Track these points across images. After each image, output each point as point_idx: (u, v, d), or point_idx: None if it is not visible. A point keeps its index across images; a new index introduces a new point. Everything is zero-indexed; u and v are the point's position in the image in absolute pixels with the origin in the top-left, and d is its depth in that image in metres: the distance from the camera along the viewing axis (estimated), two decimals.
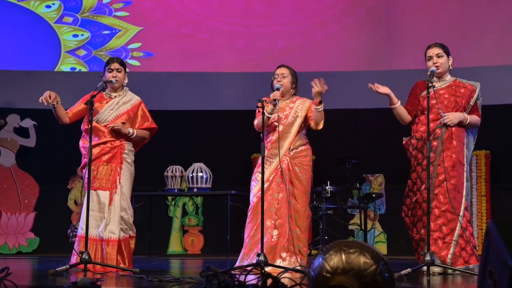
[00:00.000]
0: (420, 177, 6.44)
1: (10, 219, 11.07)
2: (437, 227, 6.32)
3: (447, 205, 6.28)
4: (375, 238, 10.83)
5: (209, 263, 8.79)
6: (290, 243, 6.52)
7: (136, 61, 11.42)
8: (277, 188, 6.64)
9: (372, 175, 10.92)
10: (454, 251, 6.24)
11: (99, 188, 6.69)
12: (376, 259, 2.90)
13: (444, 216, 6.30)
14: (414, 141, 6.56)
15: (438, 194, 6.35)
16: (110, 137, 6.79)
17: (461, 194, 6.36)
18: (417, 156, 6.51)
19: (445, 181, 6.31)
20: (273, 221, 6.57)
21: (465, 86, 6.56)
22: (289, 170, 6.66)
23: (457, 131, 6.42)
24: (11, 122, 11.30)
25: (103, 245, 6.57)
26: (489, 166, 10.73)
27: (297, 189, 6.66)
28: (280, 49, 11.16)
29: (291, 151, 6.70)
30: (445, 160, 6.34)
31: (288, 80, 6.79)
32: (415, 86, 6.69)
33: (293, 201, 6.62)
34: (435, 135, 6.43)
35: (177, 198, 11.27)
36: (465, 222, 6.33)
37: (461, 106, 6.50)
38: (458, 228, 6.26)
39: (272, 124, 6.69)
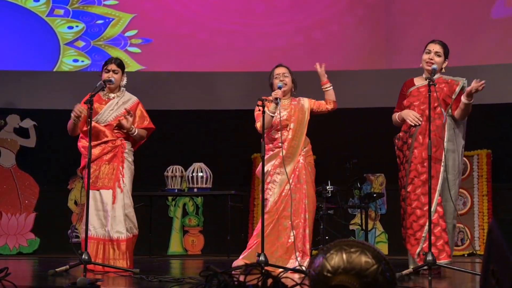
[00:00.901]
0: (403, 176, 6.50)
1: (10, 220, 11.05)
2: (409, 225, 6.39)
3: (416, 202, 6.31)
4: (376, 238, 10.80)
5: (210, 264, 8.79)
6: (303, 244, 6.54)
7: (137, 48, 11.38)
8: (295, 188, 6.63)
9: (373, 175, 10.90)
10: (423, 247, 6.23)
11: (102, 188, 6.70)
12: (377, 258, 2.87)
13: (414, 214, 6.35)
14: (396, 141, 6.66)
15: (410, 192, 6.38)
16: (111, 136, 6.79)
17: (434, 190, 6.30)
18: (399, 156, 6.65)
19: (415, 178, 6.33)
20: (291, 222, 6.54)
21: (446, 81, 6.53)
22: (305, 170, 6.68)
23: (433, 127, 6.36)
24: (11, 123, 11.27)
25: (113, 245, 6.57)
26: (491, 166, 10.70)
27: (310, 189, 6.69)
28: (279, 48, 11.13)
29: (303, 150, 6.73)
30: (417, 157, 6.34)
31: (289, 79, 6.83)
32: (403, 86, 6.75)
33: (307, 201, 6.63)
34: (410, 133, 6.48)
35: (177, 198, 11.24)
36: (437, 217, 6.28)
37: (439, 100, 6.43)
38: (428, 224, 6.23)
39: (276, 122, 6.65)
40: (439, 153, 6.37)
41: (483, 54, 10.76)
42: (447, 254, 6.26)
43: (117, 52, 11.24)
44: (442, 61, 6.53)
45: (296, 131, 6.71)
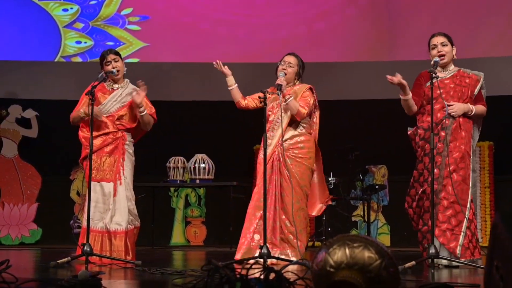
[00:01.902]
0: (428, 168, 6.35)
1: (12, 210, 11.05)
2: (446, 219, 6.25)
3: (455, 197, 6.22)
4: (378, 229, 10.79)
5: (212, 255, 8.79)
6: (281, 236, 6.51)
7: (136, 26, 11.34)
8: (269, 179, 6.59)
9: (375, 166, 10.88)
10: (463, 242, 6.18)
11: (102, 180, 6.68)
12: (381, 253, 2.86)
13: (452, 208, 6.25)
14: (421, 131, 6.48)
15: (447, 185, 6.28)
16: (112, 128, 6.76)
17: (468, 186, 6.30)
18: (424, 147, 6.42)
19: (454, 172, 6.26)
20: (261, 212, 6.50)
21: (469, 76, 6.50)
22: (279, 161, 6.62)
23: (464, 122, 6.36)
24: (13, 113, 11.26)
25: (111, 237, 6.56)
26: (493, 158, 10.68)
27: (286, 181, 6.59)
28: (281, 39, 11.09)
29: (285, 142, 6.64)
30: (453, 151, 6.28)
31: (292, 70, 6.75)
32: (419, 76, 6.61)
33: (283, 193, 6.58)
34: (443, 125, 6.37)
35: (179, 189, 11.23)
36: (471, 214, 6.28)
37: (467, 96, 6.44)
38: (466, 220, 6.20)
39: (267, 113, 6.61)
40: (470, 149, 6.37)
41: (485, 46, 10.72)
42: (478, 251, 6.28)
43: (118, 31, 11.22)
44: (451, 50, 6.50)
45: (274, 122, 6.67)
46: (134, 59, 11.34)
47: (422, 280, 4.90)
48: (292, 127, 6.72)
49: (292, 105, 6.58)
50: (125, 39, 11.23)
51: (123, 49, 11.29)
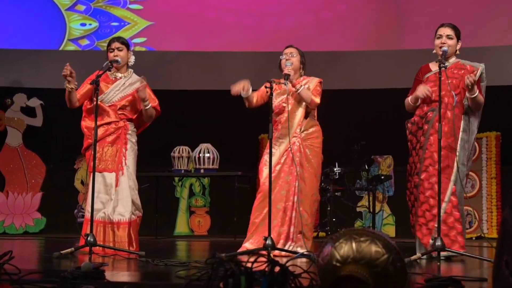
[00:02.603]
0: (414, 162, 6.38)
1: (17, 199, 11.03)
2: (421, 213, 6.27)
3: (430, 191, 6.19)
4: (384, 220, 10.75)
5: (216, 245, 8.75)
6: (297, 228, 6.46)
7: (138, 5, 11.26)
8: (289, 170, 6.56)
9: (381, 157, 10.83)
10: (435, 237, 6.10)
11: (104, 170, 6.63)
12: (388, 248, 2.81)
13: (427, 202, 6.22)
14: (409, 125, 6.51)
15: (424, 180, 6.26)
16: (114, 117, 6.71)
17: (448, 180, 6.22)
18: (412, 141, 6.48)
19: (430, 166, 6.22)
20: (283, 205, 6.50)
21: (465, 68, 6.43)
22: (300, 152, 6.58)
23: (451, 115, 6.28)
24: (18, 102, 11.23)
25: (114, 227, 6.52)
26: (500, 148, 10.62)
27: (307, 172, 6.57)
28: (288, 28, 11.03)
29: (302, 132, 6.62)
30: (433, 144, 6.21)
31: (297, 59, 6.71)
32: (418, 72, 6.60)
33: (302, 184, 6.53)
34: (426, 119, 6.34)
35: (183, 179, 11.20)
36: (450, 207, 6.20)
37: (459, 87, 6.35)
38: (441, 214, 6.13)
39: (280, 105, 6.62)
40: (454, 143, 6.28)
41: (494, 35, 10.64)
42: (460, 245, 6.17)
43: (120, 11, 11.17)
44: (455, 44, 6.43)
45: (291, 112, 6.62)
46: (141, 38, 11.28)
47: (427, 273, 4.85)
48: (308, 117, 6.70)
49: (305, 94, 6.55)
50: (129, 19, 11.17)
51: (128, 29, 11.24)
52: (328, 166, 9.54)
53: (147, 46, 11.29)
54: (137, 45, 11.28)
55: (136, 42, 11.28)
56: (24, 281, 3.61)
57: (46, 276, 3.98)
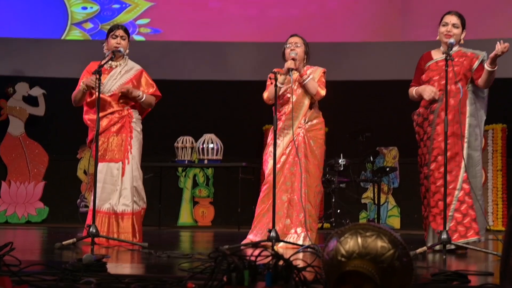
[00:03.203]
0: (423, 153, 6.32)
1: (19, 188, 11.00)
2: (434, 203, 6.18)
3: (441, 180, 6.10)
4: (388, 212, 10.71)
5: (220, 236, 8.71)
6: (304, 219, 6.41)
7: (142, 37, 11.22)
8: (293, 161, 6.52)
9: (386, 148, 10.79)
10: (450, 226, 6.06)
11: (111, 160, 6.57)
12: (394, 243, 2.75)
13: (439, 192, 6.13)
14: (415, 117, 6.43)
15: (434, 170, 6.19)
16: (117, 106, 6.65)
17: (459, 167, 6.16)
18: (419, 132, 6.40)
19: (438, 155, 6.15)
20: (289, 196, 6.45)
21: (466, 55, 6.34)
22: (305, 144, 6.53)
23: (455, 102, 6.21)
24: (20, 91, 11.20)
25: (118, 218, 6.47)
26: (506, 140, 10.57)
27: (311, 163, 6.53)
28: (293, 18, 10.96)
29: (306, 123, 6.58)
30: (440, 134, 6.14)
31: (301, 50, 6.65)
32: (420, 60, 6.51)
33: (306, 176, 6.48)
34: (431, 109, 6.26)
35: (187, 169, 11.16)
36: (463, 195, 6.14)
37: (461, 74, 6.28)
38: (454, 202, 6.08)
39: (285, 95, 6.56)
40: (460, 129, 6.20)
41: (500, 27, 10.56)
42: (475, 232, 6.12)
43: None
44: (460, 33, 6.34)
45: (296, 103, 6.56)
46: (145, 19, 11.22)
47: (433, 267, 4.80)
48: (312, 108, 6.65)
49: (311, 85, 6.51)
50: (130, 1, 11.10)
51: (130, 10, 11.19)
52: (333, 157, 9.49)
53: (151, 27, 11.22)
54: (141, 26, 11.22)
55: (140, 23, 11.22)
56: (24, 273, 3.56)
57: (47, 268, 3.93)
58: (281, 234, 6.21)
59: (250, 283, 2.93)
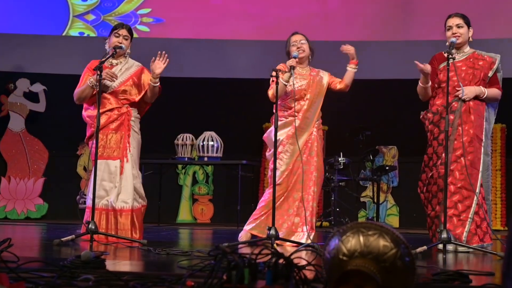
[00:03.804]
0: (436, 152, 6.24)
1: (18, 184, 10.98)
2: (452, 204, 6.11)
3: (463, 182, 6.07)
4: (387, 211, 10.70)
5: (219, 234, 8.69)
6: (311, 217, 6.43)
7: (146, 27, 11.20)
8: (306, 160, 6.53)
9: (386, 147, 10.78)
10: (470, 228, 6.04)
11: (109, 158, 6.55)
12: (396, 242, 2.73)
13: (459, 193, 6.10)
14: (430, 115, 6.34)
15: (454, 170, 6.14)
16: (116, 104, 6.63)
17: (478, 170, 6.14)
18: (433, 131, 6.31)
19: (462, 157, 6.11)
20: (300, 195, 6.44)
21: (483, 58, 6.34)
22: (317, 142, 6.57)
23: (475, 105, 6.21)
24: (21, 87, 11.18)
25: (117, 215, 6.45)
26: (505, 140, 10.56)
27: (319, 161, 6.57)
28: (294, 17, 10.92)
29: (317, 122, 6.62)
30: (462, 135, 6.12)
31: (306, 46, 6.69)
32: (432, 59, 6.47)
33: (316, 174, 6.50)
34: (451, 109, 6.20)
35: (187, 167, 11.15)
36: (481, 199, 6.14)
37: (480, 79, 6.29)
38: (474, 205, 6.07)
39: (301, 91, 6.56)
40: (480, 133, 6.20)
41: (503, 27, 10.53)
42: (490, 237, 6.16)
43: None
44: (466, 31, 6.33)
45: (312, 102, 6.60)
46: (146, 9, 11.18)
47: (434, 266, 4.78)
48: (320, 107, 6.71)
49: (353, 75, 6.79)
50: None
51: (130, 1, 11.18)
52: (333, 156, 9.48)
53: (154, 17, 11.19)
54: (143, 16, 11.18)
55: (141, 13, 11.18)
56: (21, 270, 3.53)
57: (45, 265, 3.91)
58: (288, 232, 6.24)
59: (250, 281, 2.91)
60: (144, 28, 11.19)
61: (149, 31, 11.19)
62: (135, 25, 11.10)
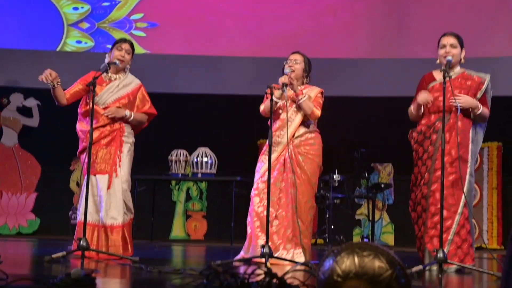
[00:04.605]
0: (420, 172, 6.21)
1: (10, 199, 10.92)
2: (433, 225, 6.07)
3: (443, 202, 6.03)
4: (383, 228, 10.66)
5: (212, 251, 8.63)
6: (294, 235, 6.33)
7: (142, 32, 11.15)
8: (280, 177, 6.45)
9: (381, 164, 10.74)
10: (450, 249, 5.99)
11: (98, 173, 6.50)
12: (392, 263, 2.68)
13: (439, 214, 6.06)
14: (415, 134, 6.32)
15: (435, 191, 6.09)
16: (109, 119, 6.58)
17: (461, 191, 6.09)
18: (418, 150, 6.28)
19: None
20: (274, 211, 6.37)
21: (472, 78, 6.29)
22: (292, 159, 6.45)
23: (462, 125, 6.16)
24: (15, 101, 11.14)
25: (107, 231, 6.39)
26: (501, 158, 10.53)
27: (299, 178, 6.44)
28: (289, 33, 10.90)
29: (295, 138, 6.51)
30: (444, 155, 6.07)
31: (300, 67, 6.59)
32: (421, 80, 6.43)
33: (293, 191, 6.39)
34: (434, 129, 6.18)
35: (181, 183, 11.11)
36: (463, 219, 6.08)
37: None
38: (454, 226, 6.01)
39: (277, 111, 6.49)
40: (466, 153, 6.15)
41: (497, 45, 10.52)
42: (471, 258, 6.09)
43: (122, 35, 11.03)
44: (459, 52, 6.29)
45: (288, 120, 6.48)
46: (139, 14, 11.12)
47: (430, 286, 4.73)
48: (304, 124, 6.57)
49: (306, 105, 6.45)
50: None
51: (121, 7, 11.15)
52: (328, 173, 9.43)
53: (147, 21, 11.15)
54: (137, 21, 11.13)
55: (134, 19, 11.13)
56: None
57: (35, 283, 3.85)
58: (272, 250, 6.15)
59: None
60: (140, 33, 11.14)
61: (145, 36, 11.13)
62: (130, 31, 11.07)
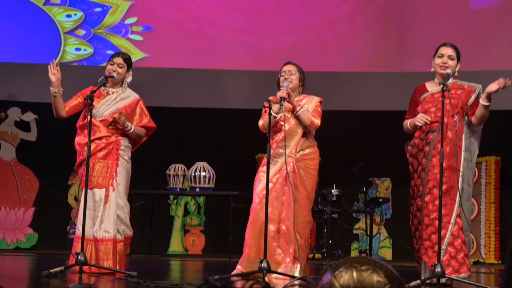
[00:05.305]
0: (416, 185, 6.23)
1: (8, 214, 10.90)
2: (427, 236, 6.10)
3: (435, 213, 6.03)
4: (381, 243, 10.64)
5: (211, 265, 8.62)
6: (294, 250, 6.30)
7: (138, 36, 11.15)
8: (282, 190, 6.42)
9: (379, 179, 10.73)
10: (443, 259, 5.98)
11: (95, 186, 6.48)
12: (390, 278, 2.67)
13: (433, 225, 6.06)
14: (409, 147, 6.35)
15: (428, 202, 6.11)
16: (105, 132, 6.58)
17: (454, 201, 6.10)
18: (413, 163, 6.31)
19: (434, 188, 6.08)
20: (276, 226, 6.34)
21: (462, 87, 6.31)
22: (294, 173, 6.42)
23: (452, 135, 6.16)
24: (12, 115, 11.13)
25: (98, 244, 6.35)
26: (499, 173, 10.52)
27: (300, 193, 6.41)
28: (288, 47, 10.93)
29: (298, 152, 6.48)
30: (436, 166, 6.09)
31: (296, 77, 6.58)
32: (414, 92, 6.46)
33: (295, 206, 6.36)
34: (426, 140, 6.20)
35: (179, 197, 11.09)
36: (457, 229, 6.08)
37: (457, 107, 6.24)
38: (448, 236, 6.02)
39: (279, 123, 6.46)
40: (456, 163, 6.15)
41: (495, 59, 10.55)
42: (467, 268, 6.08)
43: (119, 40, 11.05)
44: (455, 65, 6.31)
45: (289, 132, 6.45)
46: (132, 18, 11.12)
47: None
48: (305, 137, 6.54)
49: (305, 116, 6.43)
50: (125, 48, 11.00)
51: (114, 12, 11.12)
52: (326, 187, 9.42)
53: (143, 25, 11.15)
54: (132, 25, 11.14)
55: (129, 23, 11.14)
56: None
57: None
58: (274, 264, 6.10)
59: None
60: (137, 37, 11.14)
61: (142, 40, 11.13)
62: (127, 35, 11.08)
